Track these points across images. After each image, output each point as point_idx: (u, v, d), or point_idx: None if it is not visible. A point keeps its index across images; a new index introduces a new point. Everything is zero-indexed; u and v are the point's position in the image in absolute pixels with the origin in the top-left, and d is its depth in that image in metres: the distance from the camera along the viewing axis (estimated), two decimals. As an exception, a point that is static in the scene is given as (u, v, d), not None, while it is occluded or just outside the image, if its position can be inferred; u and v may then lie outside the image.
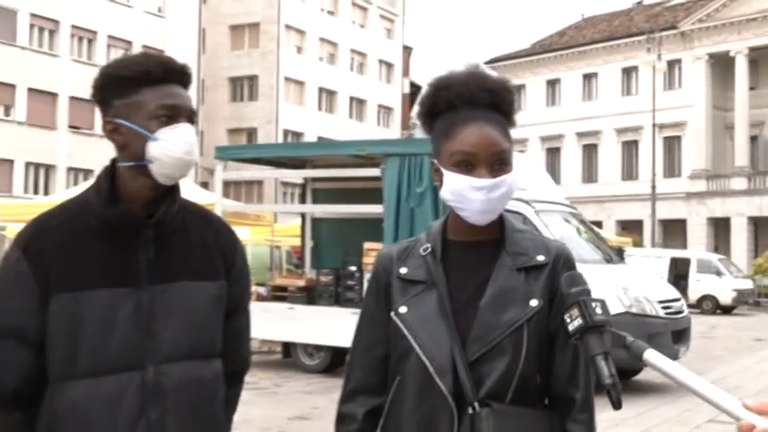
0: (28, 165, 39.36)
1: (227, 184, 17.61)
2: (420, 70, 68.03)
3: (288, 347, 13.53)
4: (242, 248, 2.28)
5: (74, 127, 40.23)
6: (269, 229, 18.72)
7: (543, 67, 52.69)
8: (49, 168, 40.10)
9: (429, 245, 2.05)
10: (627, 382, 12.47)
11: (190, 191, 16.22)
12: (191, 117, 2.07)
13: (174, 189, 2.08)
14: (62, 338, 1.95)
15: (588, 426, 2.00)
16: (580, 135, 50.71)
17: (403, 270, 2.04)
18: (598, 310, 1.76)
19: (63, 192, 26.33)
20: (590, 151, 50.77)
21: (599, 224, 41.46)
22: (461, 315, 1.95)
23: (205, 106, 48.32)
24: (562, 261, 2.02)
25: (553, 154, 51.73)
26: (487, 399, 1.90)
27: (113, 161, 2.06)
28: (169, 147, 1.99)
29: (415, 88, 65.64)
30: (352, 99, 56.79)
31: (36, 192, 37.87)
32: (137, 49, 43.14)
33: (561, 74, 52.02)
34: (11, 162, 38.50)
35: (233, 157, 15.10)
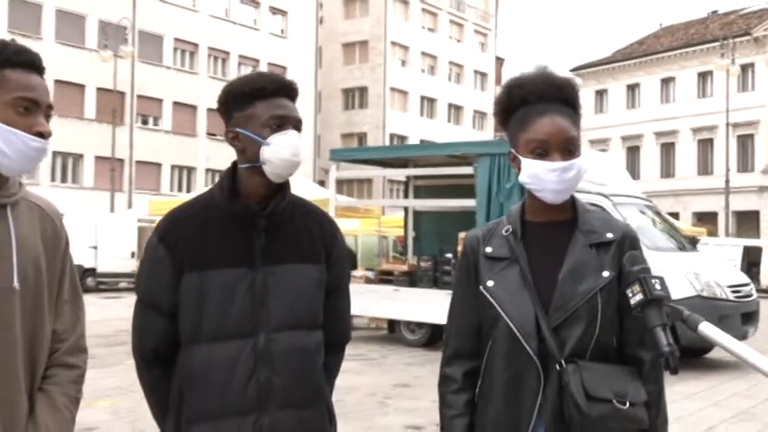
0: (173, 167, 40.56)
1: (340, 182, 17.79)
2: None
3: (392, 324, 13.68)
4: (341, 236, 2.34)
5: (211, 134, 41.18)
6: (376, 221, 18.85)
7: (624, 72, 51.29)
8: (190, 170, 41.22)
9: (510, 226, 2.09)
10: (699, 360, 12.16)
11: (309, 188, 16.49)
12: (297, 125, 2.14)
13: (284, 186, 2.16)
14: (190, 309, 2.05)
15: (657, 383, 2.01)
16: (658, 134, 49.17)
17: (488, 249, 2.09)
18: (657, 286, 1.82)
19: (201, 189, 27.04)
20: (668, 149, 49.19)
21: (676, 216, 40.18)
22: (542, 286, 2.00)
23: (322, 114, 48.93)
24: (629, 239, 2.05)
25: (633, 152, 50.32)
26: (571, 357, 1.94)
27: (234, 163, 2.17)
28: (279, 150, 2.07)
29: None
30: (450, 106, 56.61)
31: (180, 190, 38.97)
32: (263, 67, 44.07)
33: (640, 79, 50.55)
34: (159, 165, 39.77)
35: (345, 159, 15.25)
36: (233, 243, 2.09)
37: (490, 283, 2.04)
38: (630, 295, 1.84)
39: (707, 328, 1.73)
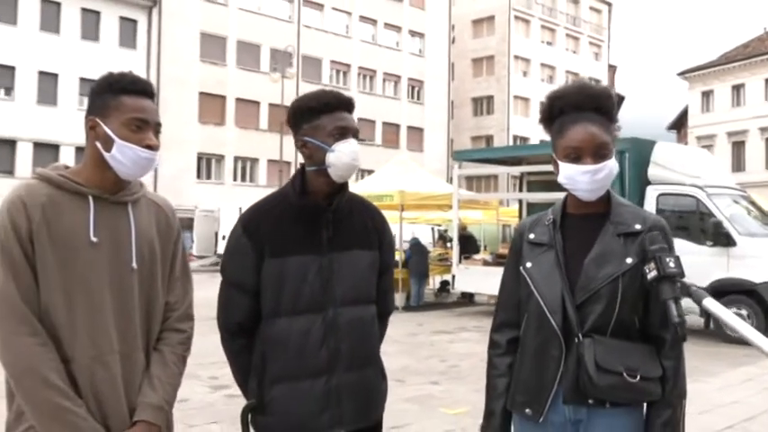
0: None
1: (470, 178, 17.85)
2: (623, 83, 64.47)
3: (508, 300, 13.48)
4: (389, 227, 2.41)
5: (360, 140, 41.85)
6: (494, 212, 18.67)
7: (729, 74, 47.96)
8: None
9: (552, 216, 2.09)
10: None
11: (439, 184, 16.51)
12: (356, 134, 2.21)
13: (344, 185, 2.24)
14: (271, 289, 2.16)
15: (675, 360, 1.95)
16: (763, 130, 45.70)
17: (531, 236, 2.10)
18: (671, 264, 1.80)
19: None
20: (772, 143, 45.75)
21: (779, 204, 37.33)
22: (572, 269, 1.98)
23: (454, 121, 48.75)
24: (657, 230, 1.98)
25: (738, 147, 47.00)
26: (590, 332, 1.92)
27: (302, 166, 2.25)
28: (341, 156, 2.15)
29: (618, 98, 62.10)
30: (567, 110, 54.91)
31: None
32: (404, 82, 44.38)
33: (745, 79, 47.09)
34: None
35: (466, 159, 15.27)
36: (305, 233, 2.18)
37: (528, 265, 2.06)
38: (647, 271, 1.82)
39: (710, 303, 1.69)
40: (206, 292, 3.94)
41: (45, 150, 29.41)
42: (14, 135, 29.70)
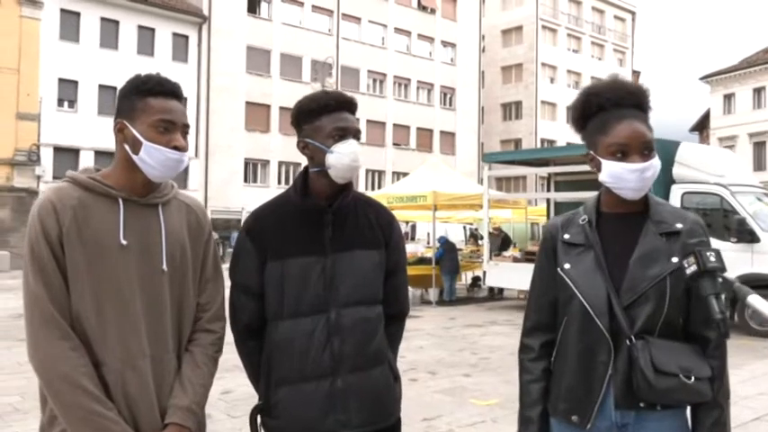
0: (367, 171, 41.29)
1: (499, 179, 17.64)
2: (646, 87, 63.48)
3: (536, 295, 13.26)
4: (397, 225, 2.23)
5: (396, 144, 41.75)
6: (523, 210, 18.40)
7: (750, 78, 46.62)
8: (380, 173, 41.87)
9: (586, 216, 1.92)
10: None
11: (470, 185, 16.33)
12: (356, 135, 2.07)
13: (347, 185, 2.09)
14: (274, 292, 2.02)
15: (720, 359, 1.80)
16: (784, 130, 44.44)
17: (566, 236, 1.92)
18: (712, 258, 1.64)
19: (389, 189, 27.51)
20: (792, 143, 44.36)
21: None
22: (614, 270, 1.82)
23: (484, 126, 48.33)
24: (698, 227, 1.84)
25: (759, 147, 45.69)
26: (641, 334, 1.76)
27: (305, 167, 2.11)
28: (341, 157, 2.00)
29: (642, 102, 61.41)
30: (592, 114, 54.10)
31: (373, 189, 39.75)
32: (437, 90, 44.12)
33: (766, 82, 45.73)
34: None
35: (495, 160, 15.07)
36: (306, 235, 2.04)
37: (567, 266, 1.88)
38: (686, 266, 1.67)
39: (756, 300, 1.54)
40: None
41: (105, 158, 29.85)
42: (78, 144, 30.24)
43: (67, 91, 30.54)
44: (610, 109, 1.83)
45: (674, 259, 1.76)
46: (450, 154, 43.74)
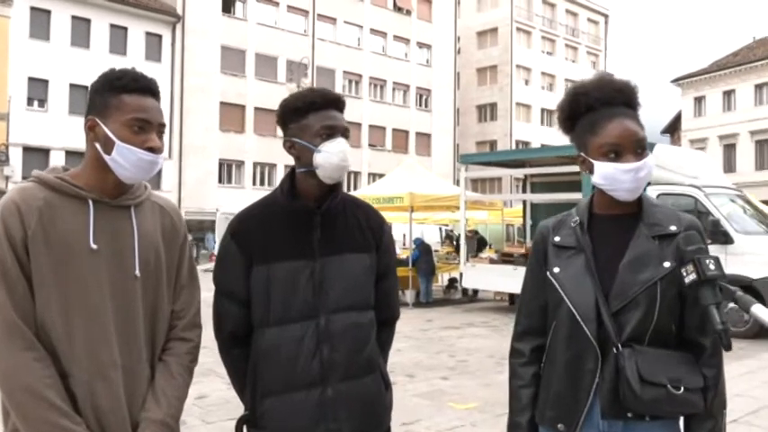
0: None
1: (474, 180, 17.68)
2: (619, 91, 64.44)
3: (512, 297, 13.38)
4: (388, 227, 2.15)
5: (372, 145, 41.65)
6: (500, 212, 18.44)
7: (720, 81, 47.33)
8: (357, 174, 41.97)
9: (578, 218, 1.84)
10: None
11: (446, 186, 16.32)
12: (344, 133, 1.97)
13: (336, 186, 2.00)
14: (260, 298, 1.93)
15: (716, 368, 1.73)
16: (753, 133, 44.95)
17: (557, 238, 1.85)
18: (711, 266, 1.57)
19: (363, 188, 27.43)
20: (761, 145, 44.92)
21: (769, 203, 36.84)
22: (604, 274, 1.74)
23: (460, 127, 48.49)
24: (694, 230, 1.76)
25: (729, 149, 46.34)
26: (629, 342, 1.68)
27: (292, 168, 2.02)
28: (329, 156, 1.91)
29: (615, 105, 62.06)
30: (566, 116, 54.55)
31: (353, 189, 39.71)
32: (413, 91, 44.17)
33: (735, 85, 46.45)
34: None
35: (472, 162, 15.09)
36: (294, 238, 1.95)
37: (556, 270, 1.81)
38: (684, 274, 1.59)
39: (759, 310, 1.48)
40: None
41: (76, 158, 29.31)
42: (48, 144, 29.69)
43: (37, 90, 29.97)
44: (599, 108, 1.76)
45: (667, 263, 1.69)
46: (425, 155, 43.79)
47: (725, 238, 10.55)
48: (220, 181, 35.83)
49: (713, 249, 8.42)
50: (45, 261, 1.62)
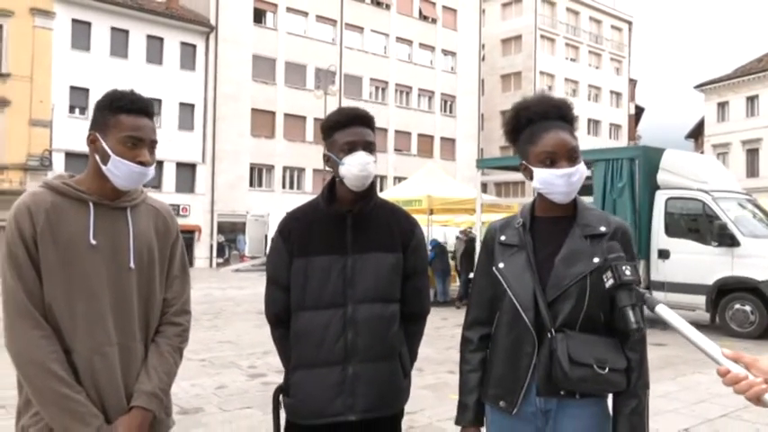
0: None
1: (498, 184, 17.77)
2: (643, 95, 63.33)
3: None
4: (420, 232, 2.36)
5: (398, 150, 41.83)
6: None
7: (743, 87, 46.48)
8: (381, 178, 42.17)
9: (521, 219, 2.02)
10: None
11: (466, 190, 16.40)
12: (366, 147, 2.20)
13: (369, 193, 2.24)
14: (298, 285, 2.19)
15: (640, 352, 1.89)
16: (776, 137, 44.26)
17: (502, 237, 2.03)
18: (627, 272, 1.72)
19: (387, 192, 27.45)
20: (785, 150, 44.07)
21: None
22: (543, 269, 1.92)
23: (484, 132, 48.33)
24: (620, 232, 1.93)
25: (753, 154, 45.53)
26: (561, 328, 1.86)
27: (333, 177, 2.28)
28: (350, 168, 2.16)
29: (638, 110, 61.13)
30: (589, 121, 53.97)
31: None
32: (437, 97, 44.17)
33: (759, 91, 45.60)
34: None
35: (487, 166, 15.13)
36: (329, 236, 2.19)
37: (501, 265, 1.98)
38: (605, 279, 1.75)
39: (662, 310, 1.60)
40: (256, 289, 3.96)
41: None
42: (86, 150, 30.37)
43: (79, 98, 30.71)
44: (538, 121, 1.94)
45: (596, 259, 1.86)
46: (450, 160, 43.81)
47: (731, 242, 10.49)
48: (251, 185, 36.30)
49: (720, 252, 8.57)
50: (52, 254, 1.84)
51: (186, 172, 33.04)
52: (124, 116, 1.91)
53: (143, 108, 1.95)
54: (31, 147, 28.62)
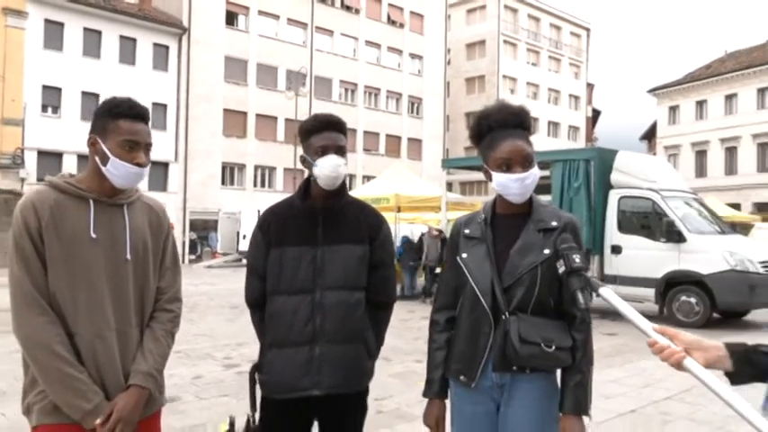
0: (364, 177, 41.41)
1: (463, 183, 17.95)
2: (600, 99, 64.23)
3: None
4: (386, 228, 2.51)
5: (366, 149, 41.87)
6: (481, 213, 18.61)
7: (693, 91, 47.70)
8: (350, 177, 42.24)
9: (483, 215, 2.18)
10: (738, 321, 11.40)
11: (431, 188, 16.58)
12: (337, 150, 2.37)
13: (341, 190, 2.41)
14: (273, 273, 2.35)
15: (586, 333, 2.05)
16: (723, 140, 45.37)
17: (467, 231, 2.18)
18: (577, 260, 1.87)
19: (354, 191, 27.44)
20: (731, 152, 45.27)
21: (737, 206, 37.05)
22: (500, 259, 2.07)
23: (449, 133, 48.69)
24: (570, 226, 2.08)
25: (701, 155, 46.70)
26: (515, 311, 2.01)
27: (308, 176, 2.44)
28: (322, 169, 2.33)
29: (596, 113, 62.16)
30: (549, 123, 54.72)
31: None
32: (405, 99, 44.32)
33: (707, 96, 46.80)
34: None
35: (452, 166, 15.32)
36: (303, 229, 2.35)
37: (464, 255, 2.14)
38: (558, 266, 1.90)
39: (605, 292, 1.71)
40: (229, 284, 4.04)
41: (87, 161, 29.66)
42: (61, 148, 29.85)
43: (51, 97, 30.15)
44: (497, 129, 2.08)
45: (547, 251, 2.02)
46: (417, 159, 44.03)
47: (678, 238, 10.88)
48: (223, 183, 36.03)
49: (668, 248, 8.98)
50: (56, 247, 1.95)
51: (159, 170, 32.61)
52: (122, 121, 2.02)
53: (139, 114, 2.07)
54: (2, 145, 27.98)
